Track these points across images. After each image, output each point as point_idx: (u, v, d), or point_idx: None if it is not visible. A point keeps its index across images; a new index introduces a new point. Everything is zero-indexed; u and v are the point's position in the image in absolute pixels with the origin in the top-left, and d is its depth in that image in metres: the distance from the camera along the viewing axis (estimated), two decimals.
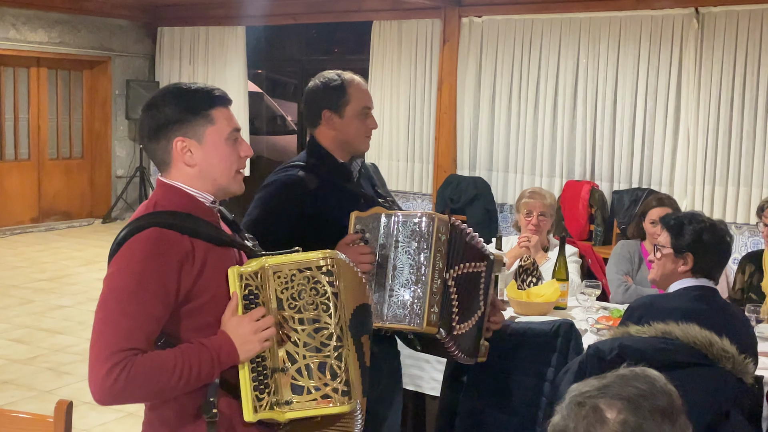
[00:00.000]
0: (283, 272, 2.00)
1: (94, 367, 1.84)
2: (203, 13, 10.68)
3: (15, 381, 5.19)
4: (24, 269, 8.36)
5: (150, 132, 2.05)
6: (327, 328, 1.99)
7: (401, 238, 2.48)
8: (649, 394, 1.51)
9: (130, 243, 1.95)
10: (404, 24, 9.12)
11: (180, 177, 2.06)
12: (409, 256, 2.45)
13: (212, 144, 2.05)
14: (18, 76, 10.37)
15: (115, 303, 1.90)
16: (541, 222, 4.37)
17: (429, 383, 3.70)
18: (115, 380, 1.82)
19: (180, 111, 2.03)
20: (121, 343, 1.85)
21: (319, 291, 2.00)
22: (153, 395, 1.94)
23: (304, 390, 1.98)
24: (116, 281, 1.92)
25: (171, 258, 1.93)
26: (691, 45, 7.39)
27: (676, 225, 2.98)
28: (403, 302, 2.43)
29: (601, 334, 3.51)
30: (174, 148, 2.04)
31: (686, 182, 7.49)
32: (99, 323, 1.90)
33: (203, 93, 2.07)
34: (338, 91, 2.75)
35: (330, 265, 2.00)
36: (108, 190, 11.30)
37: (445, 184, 8.68)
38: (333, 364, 1.99)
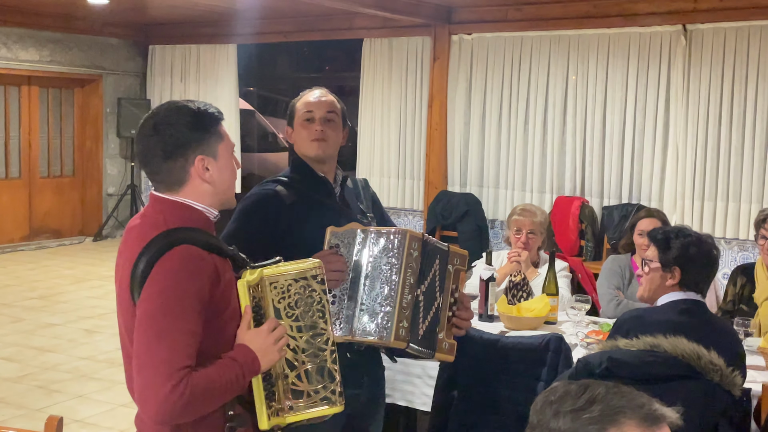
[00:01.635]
0: (279, 282, 2.06)
1: (156, 386, 1.85)
2: (194, 32, 10.72)
3: (5, 399, 5.17)
4: (14, 287, 8.33)
5: (165, 152, 2.03)
6: (323, 334, 2.10)
7: (374, 254, 2.50)
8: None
9: (166, 260, 1.94)
10: (395, 41, 9.17)
11: (192, 194, 2.06)
12: (381, 271, 2.48)
13: (224, 159, 2.10)
14: (9, 94, 10.38)
15: (167, 321, 1.90)
16: (530, 240, 4.39)
17: (420, 398, 3.70)
18: (180, 396, 1.84)
19: (197, 129, 2.05)
20: (182, 360, 1.87)
21: (314, 298, 2.09)
22: (208, 410, 1.96)
23: (303, 394, 2.07)
24: (162, 298, 1.92)
25: (202, 273, 1.96)
26: (679, 62, 7.45)
27: (663, 239, 3.00)
28: (372, 317, 2.45)
29: (591, 348, 3.52)
30: (194, 166, 2.05)
31: (675, 197, 7.53)
32: (153, 342, 1.89)
33: (210, 110, 2.11)
34: (291, 109, 2.86)
35: (321, 273, 2.10)
36: (99, 208, 11.29)
37: (436, 201, 8.71)
38: (330, 368, 2.09)
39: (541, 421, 1.37)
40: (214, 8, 9.36)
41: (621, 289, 4.41)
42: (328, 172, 2.83)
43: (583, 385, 1.38)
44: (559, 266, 4.27)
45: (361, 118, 9.47)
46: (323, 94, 2.86)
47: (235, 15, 9.79)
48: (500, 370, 3.28)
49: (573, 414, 1.34)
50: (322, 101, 2.82)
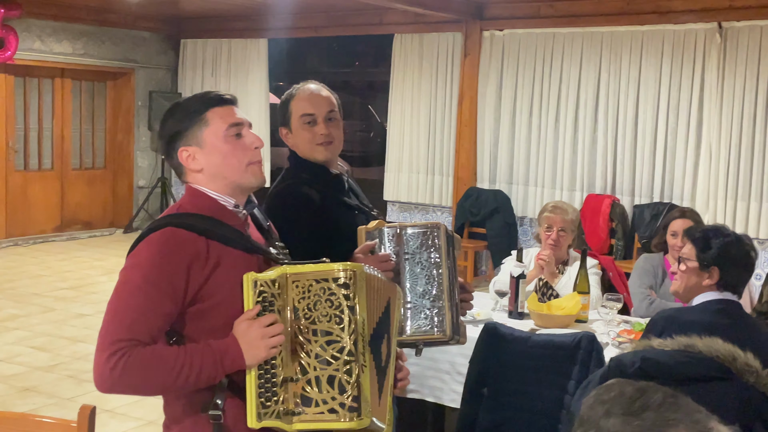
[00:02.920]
0: (302, 282, 1.98)
1: (96, 357, 1.91)
2: (226, 26, 10.76)
3: (36, 388, 5.23)
4: (46, 278, 8.42)
5: (163, 150, 2.15)
6: (339, 342, 1.96)
7: (412, 250, 2.48)
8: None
9: (145, 241, 2.01)
10: (425, 37, 9.15)
11: (197, 182, 2.11)
12: (423, 267, 2.46)
13: (212, 145, 2.08)
14: (43, 86, 10.49)
15: (122, 295, 1.96)
16: (560, 237, 4.35)
17: (449, 395, 3.69)
18: (113, 368, 1.87)
19: (177, 123, 2.10)
20: (122, 333, 1.90)
21: (334, 303, 1.96)
22: (150, 388, 1.96)
23: (312, 402, 1.96)
24: (126, 275, 1.98)
25: (180, 257, 1.96)
26: (713, 60, 7.37)
27: (702, 238, 2.96)
28: (423, 313, 2.43)
29: (623, 347, 3.49)
30: (180, 157, 2.10)
31: (708, 197, 7.45)
32: (107, 313, 1.96)
33: (196, 99, 2.13)
34: (284, 107, 2.72)
35: (347, 277, 1.96)
36: (129, 201, 11.38)
37: (465, 197, 8.69)
38: (342, 379, 1.95)
39: (591, 417, 1.34)
40: (246, 2, 9.40)
41: (654, 288, 4.37)
42: (335, 169, 2.77)
43: (640, 388, 1.34)
44: (589, 264, 4.24)
45: (391, 114, 9.46)
46: (318, 90, 2.71)
47: (267, 9, 9.82)
48: (531, 368, 3.25)
49: (624, 418, 1.30)
50: (320, 99, 2.68)
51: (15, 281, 8.18)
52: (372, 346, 2.02)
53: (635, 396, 1.32)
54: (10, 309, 7.11)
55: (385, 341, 2.11)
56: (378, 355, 2.06)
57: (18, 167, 10.27)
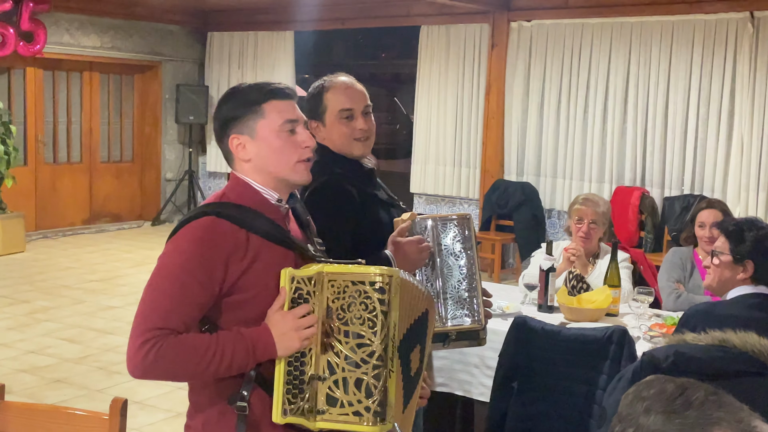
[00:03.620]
0: (338, 282, 1.97)
1: (130, 342, 1.91)
2: (252, 19, 10.78)
3: (67, 380, 5.27)
4: (75, 270, 8.50)
5: (216, 133, 2.13)
6: (369, 345, 1.95)
7: (444, 242, 2.49)
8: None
9: (186, 228, 1.99)
10: (452, 29, 9.10)
11: (243, 172, 2.10)
12: (456, 257, 2.47)
13: (264, 137, 2.07)
14: (71, 80, 10.56)
15: (160, 282, 1.95)
16: (591, 230, 4.30)
17: (478, 389, 3.67)
18: (145, 355, 1.87)
19: (232, 109, 2.09)
20: (156, 322, 1.90)
21: (368, 307, 1.95)
22: (182, 375, 1.97)
23: (338, 403, 1.95)
24: (163, 263, 1.98)
25: (220, 247, 1.95)
26: (745, 50, 7.26)
27: (736, 231, 2.91)
28: (461, 304, 2.45)
29: (655, 341, 3.45)
30: (230, 145, 2.09)
31: (739, 189, 7.35)
32: (143, 299, 1.95)
33: (255, 88, 2.10)
34: (317, 100, 2.65)
35: (384, 282, 1.95)
36: (157, 193, 11.45)
37: (492, 189, 8.64)
38: (369, 383, 1.94)
39: (631, 414, 1.32)
40: None
41: (682, 282, 4.31)
42: (368, 163, 2.74)
43: (681, 385, 1.31)
44: (620, 257, 4.19)
45: (418, 106, 9.43)
46: (353, 83, 2.66)
47: (293, 2, 9.82)
48: (561, 362, 3.22)
49: (665, 415, 1.28)
50: (357, 94, 2.63)
51: (45, 273, 8.26)
52: (401, 352, 2.01)
53: (676, 393, 1.30)
54: (40, 301, 7.18)
55: (417, 351, 2.10)
56: (407, 362, 2.06)
57: (47, 160, 10.36)
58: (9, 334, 6.21)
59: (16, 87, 9.92)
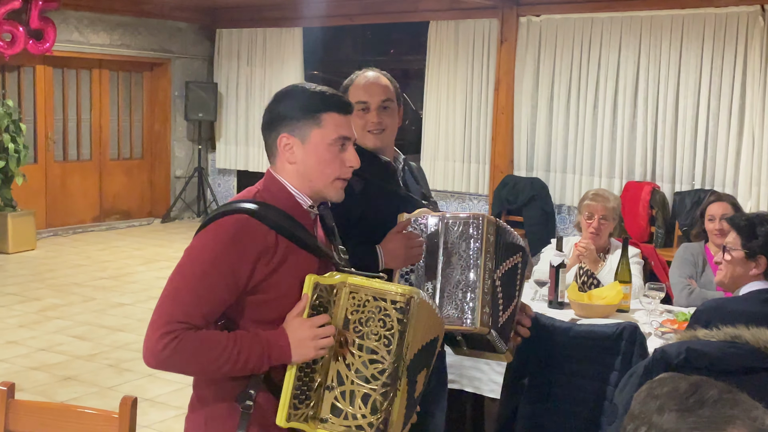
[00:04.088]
0: (359, 294, 1.98)
1: (149, 331, 1.92)
2: (261, 15, 10.77)
3: (77, 377, 5.29)
4: (86, 267, 8.52)
5: (265, 123, 2.11)
6: (382, 363, 1.95)
7: (451, 240, 2.46)
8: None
9: (217, 223, 1.99)
10: (461, 24, 9.08)
11: (282, 172, 2.09)
12: (460, 257, 2.43)
13: (314, 146, 2.06)
14: (81, 78, 10.58)
15: (184, 276, 1.96)
16: (602, 226, 4.28)
17: (488, 385, 3.65)
18: (164, 348, 1.88)
19: (292, 109, 2.07)
20: (177, 315, 1.91)
21: (386, 324, 1.96)
22: (198, 370, 1.98)
23: (342, 414, 1.96)
24: (192, 256, 1.98)
25: (250, 247, 1.95)
26: (756, 43, 7.22)
27: (747, 226, 2.89)
28: (456, 303, 2.41)
29: (666, 337, 3.43)
30: (279, 142, 2.08)
31: (751, 183, 7.31)
32: (166, 289, 1.96)
33: (318, 95, 2.08)
34: (343, 92, 2.71)
35: (404, 302, 1.96)
36: (167, 190, 11.46)
37: (501, 185, 8.62)
38: (377, 399, 1.95)
39: (644, 413, 1.31)
40: None
41: (694, 277, 4.29)
42: (387, 156, 2.77)
43: (694, 383, 1.30)
44: (630, 253, 4.17)
45: (427, 101, 9.41)
46: (376, 78, 2.73)
47: None
48: (572, 359, 3.21)
49: (679, 413, 1.26)
50: (375, 88, 2.70)
51: (55, 271, 8.29)
52: (409, 372, 2.02)
53: (690, 391, 1.29)
54: (50, 298, 7.20)
55: (423, 374, 2.11)
56: (413, 383, 2.06)
57: (57, 158, 10.39)
58: (20, 331, 6.23)
59: (26, 85, 9.94)
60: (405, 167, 2.85)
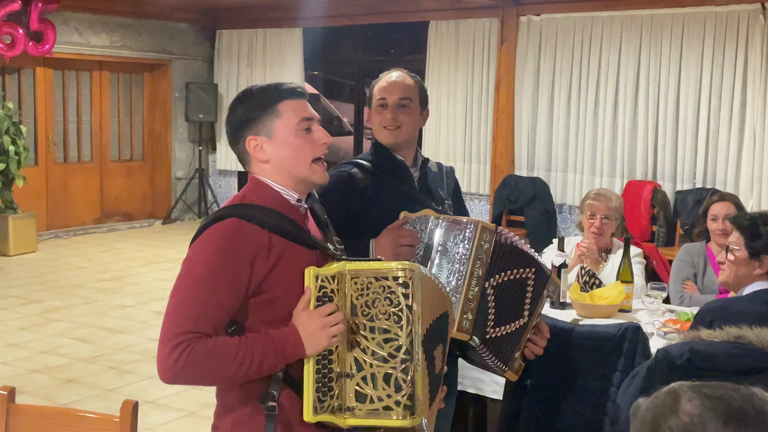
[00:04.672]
0: (361, 278, 1.99)
1: (160, 347, 1.92)
2: (261, 16, 10.77)
3: (79, 380, 5.28)
4: (87, 269, 8.51)
5: (229, 136, 2.14)
6: (396, 340, 1.96)
7: (444, 243, 2.45)
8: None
9: (209, 231, 2.00)
10: (461, 23, 9.07)
11: (262, 173, 2.11)
12: (450, 261, 2.42)
13: (281, 137, 2.08)
14: (81, 79, 10.58)
15: (186, 287, 1.96)
16: (604, 225, 4.28)
17: (490, 386, 3.64)
18: (176, 360, 1.88)
19: (248, 110, 2.09)
20: (186, 326, 1.91)
21: (393, 302, 1.97)
22: (213, 379, 1.98)
23: (367, 399, 1.96)
24: (190, 266, 1.98)
25: (245, 249, 1.96)
26: (757, 41, 7.20)
27: (751, 226, 2.88)
28: None
29: (669, 337, 3.42)
30: (248, 146, 2.09)
31: (752, 182, 7.30)
32: (170, 305, 1.96)
33: (269, 89, 2.11)
34: (371, 89, 2.84)
35: (407, 277, 1.97)
36: (168, 192, 11.46)
37: (503, 185, 8.61)
38: (398, 377, 1.96)
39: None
40: None
41: (692, 279, 4.28)
42: (406, 156, 2.81)
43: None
44: (633, 252, 4.16)
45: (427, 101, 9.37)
46: (399, 77, 2.79)
47: None
48: (575, 360, 3.19)
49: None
50: (395, 86, 2.76)
51: (57, 273, 8.28)
52: (425, 347, 2.02)
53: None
54: (52, 301, 7.19)
55: (440, 350, 2.12)
56: (431, 359, 2.06)
57: (58, 160, 10.39)
58: (21, 334, 6.22)
59: (26, 87, 9.94)
60: (425, 168, 2.88)
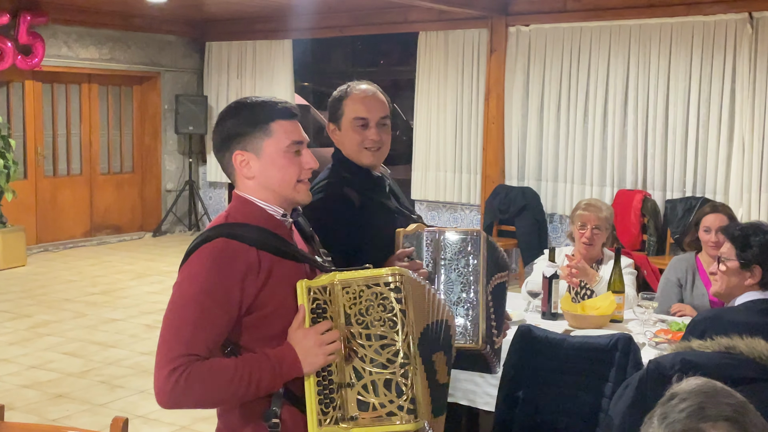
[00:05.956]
0: (352, 287, 1.99)
1: (156, 372, 1.91)
2: (250, 28, 10.77)
3: (69, 394, 5.24)
4: (77, 283, 8.47)
5: (216, 146, 2.13)
6: (393, 345, 1.97)
7: (449, 256, 2.44)
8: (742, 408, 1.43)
9: (198, 252, 1.99)
10: (450, 34, 9.09)
11: (245, 189, 2.11)
12: (459, 273, 2.43)
13: (269, 157, 2.07)
14: (70, 92, 10.55)
15: (178, 310, 1.95)
16: (595, 235, 4.27)
17: (483, 398, 3.64)
18: (174, 384, 1.88)
19: (239, 125, 2.08)
20: (181, 349, 1.90)
21: (387, 307, 1.98)
22: (211, 401, 1.97)
23: (369, 406, 1.97)
24: (181, 289, 1.97)
25: (235, 268, 1.96)
26: (745, 50, 7.24)
27: (741, 236, 2.88)
28: (458, 321, 2.39)
29: (660, 347, 3.42)
30: (234, 161, 2.08)
31: (742, 190, 7.32)
32: (164, 329, 1.95)
33: (263, 106, 2.11)
34: (335, 104, 2.69)
35: (398, 281, 1.98)
36: (158, 204, 11.42)
37: (493, 195, 8.61)
38: (399, 381, 1.96)
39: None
40: (270, 4, 9.39)
41: (680, 295, 4.26)
42: (378, 172, 2.75)
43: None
44: (623, 263, 4.16)
45: (417, 112, 9.41)
46: (374, 93, 2.67)
47: (291, 10, 9.80)
48: (566, 371, 3.19)
49: None
50: (375, 103, 2.65)
51: (46, 287, 8.24)
52: (421, 350, 2.03)
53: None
54: (42, 315, 7.15)
55: (441, 357, 2.12)
56: (430, 364, 2.07)
57: (47, 173, 10.35)
58: (11, 349, 6.18)
59: (15, 100, 9.91)
60: (389, 182, 2.83)
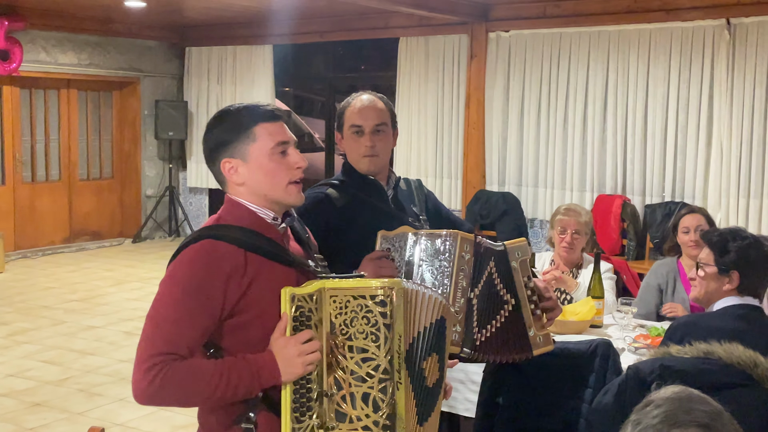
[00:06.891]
0: (339, 297, 1.98)
1: (135, 369, 1.92)
2: (231, 33, 10.74)
3: (47, 403, 5.19)
4: (55, 290, 8.40)
5: (206, 157, 2.15)
6: (374, 359, 1.96)
7: (425, 258, 2.46)
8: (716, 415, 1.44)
9: (185, 252, 2.01)
10: (431, 40, 9.10)
11: (237, 194, 2.12)
12: (433, 275, 2.43)
13: (256, 161, 2.08)
14: (49, 98, 10.48)
15: (161, 308, 1.96)
16: (575, 240, 4.29)
17: (463, 404, 3.63)
18: (151, 382, 1.88)
19: (224, 132, 2.10)
20: (161, 347, 1.91)
21: (371, 321, 1.97)
22: (188, 401, 1.98)
23: (347, 418, 1.96)
24: (165, 288, 1.99)
25: (220, 269, 1.96)
26: (722, 56, 7.29)
27: (720, 242, 2.90)
28: None
29: (640, 353, 3.43)
30: (223, 169, 2.10)
31: (720, 195, 7.37)
32: (146, 326, 1.96)
33: (245, 111, 2.11)
34: (339, 113, 2.83)
35: (385, 295, 1.96)
36: (138, 210, 11.36)
37: (474, 200, 8.63)
38: (376, 396, 1.95)
39: None
40: (250, 9, 9.36)
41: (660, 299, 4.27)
42: (380, 177, 2.82)
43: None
44: (603, 268, 4.17)
45: (398, 117, 9.37)
46: (372, 102, 2.78)
47: (271, 15, 9.78)
48: (546, 377, 3.19)
49: None
50: (370, 112, 2.76)
51: (24, 294, 8.16)
52: (408, 363, 2.00)
53: None
54: (20, 322, 7.09)
55: (433, 360, 2.08)
56: (418, 373, 2.04)
57: (25, 179, 10.26)
58: None
59: None
60: (397, 187, 2.87)
